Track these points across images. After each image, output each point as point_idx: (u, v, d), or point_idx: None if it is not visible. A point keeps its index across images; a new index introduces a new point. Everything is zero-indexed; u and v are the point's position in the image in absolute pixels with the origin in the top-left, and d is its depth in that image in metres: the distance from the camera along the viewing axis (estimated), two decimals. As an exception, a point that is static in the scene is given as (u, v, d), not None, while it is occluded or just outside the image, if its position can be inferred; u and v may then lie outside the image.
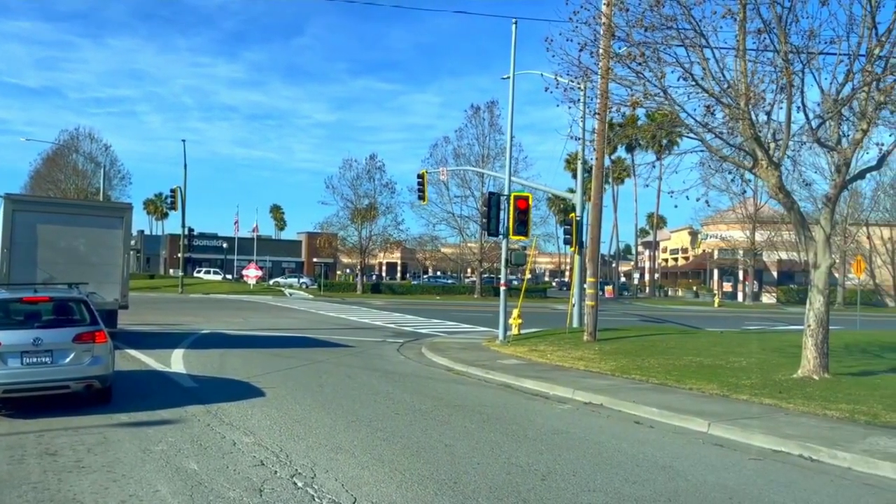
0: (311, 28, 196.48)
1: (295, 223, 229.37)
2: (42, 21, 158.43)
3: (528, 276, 40.66)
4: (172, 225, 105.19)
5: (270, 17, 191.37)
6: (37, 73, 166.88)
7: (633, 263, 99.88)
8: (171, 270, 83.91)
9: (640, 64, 13.57)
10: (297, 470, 7.45)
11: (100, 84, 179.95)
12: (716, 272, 77.84)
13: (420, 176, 37.83)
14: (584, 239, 24.18)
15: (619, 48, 14.43)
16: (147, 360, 15.80)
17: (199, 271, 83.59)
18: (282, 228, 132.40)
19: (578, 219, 24.71)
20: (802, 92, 13.20)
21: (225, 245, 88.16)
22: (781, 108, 13.54)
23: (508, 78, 23.92)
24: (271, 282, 78.19)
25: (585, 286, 22.65)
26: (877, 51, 12.54)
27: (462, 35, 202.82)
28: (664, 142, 60.91)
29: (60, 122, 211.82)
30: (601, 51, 14.76)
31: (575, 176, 31.19)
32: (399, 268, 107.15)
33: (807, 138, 14.18)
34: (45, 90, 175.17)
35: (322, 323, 29.71)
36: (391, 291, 68.00)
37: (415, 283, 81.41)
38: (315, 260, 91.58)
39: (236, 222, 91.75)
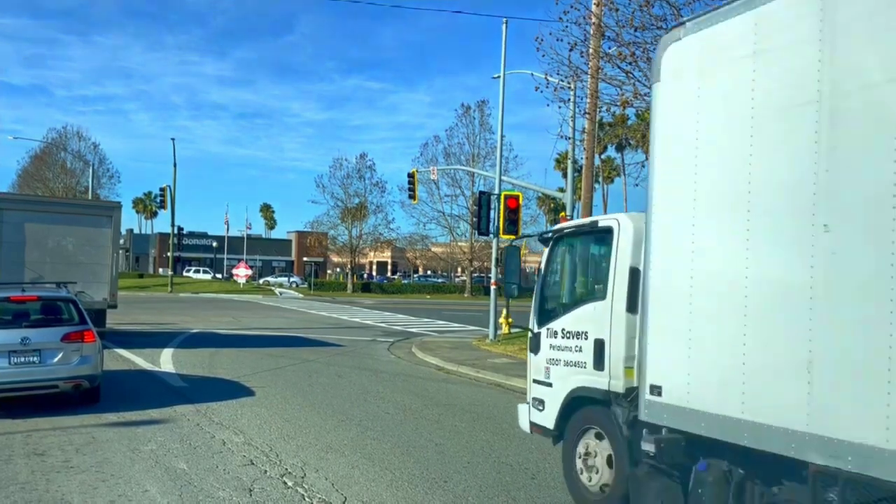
0: (301, 26, 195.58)
1: (285, 222, 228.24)
2: (29, 18, 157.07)
3: (518, 275, 40.63)
4: (162, 224, 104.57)
5: (260, 14, 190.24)
6: (23, 71, 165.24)
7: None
8: (161, 269, 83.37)
9: (629, 64, 13.66)
10: (287, 469, 7.44)
11: (87, 82, 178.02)
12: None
13: (410, 175, 37.70)
14: (574, 238, 24.20)
15: (609, 48, 14.49)
16: (136, 359, 15.72)
17: (188, 270, 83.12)
18: (272, 227, 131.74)
19: (569, 218, 24.78)
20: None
21: (215, 244, 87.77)
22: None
23: (499, 77, 23.92)
24: (261, 281, 77.89)
25: (575, 285, 22.66)
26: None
27: (452, 34, 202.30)
28: (654, 141, 61.19)
29: (48, 121, 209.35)
30: (591, 50, 14.81)
31: (565, 175, 31.19)
32: (389, 267, 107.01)
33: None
34: (32, 88, 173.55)
35: (312, 322, 29.65)
36: (381, 290, 67.97)
37: (405, 282, 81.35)
38: (305, 259, 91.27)
39: (226, 221, 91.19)
